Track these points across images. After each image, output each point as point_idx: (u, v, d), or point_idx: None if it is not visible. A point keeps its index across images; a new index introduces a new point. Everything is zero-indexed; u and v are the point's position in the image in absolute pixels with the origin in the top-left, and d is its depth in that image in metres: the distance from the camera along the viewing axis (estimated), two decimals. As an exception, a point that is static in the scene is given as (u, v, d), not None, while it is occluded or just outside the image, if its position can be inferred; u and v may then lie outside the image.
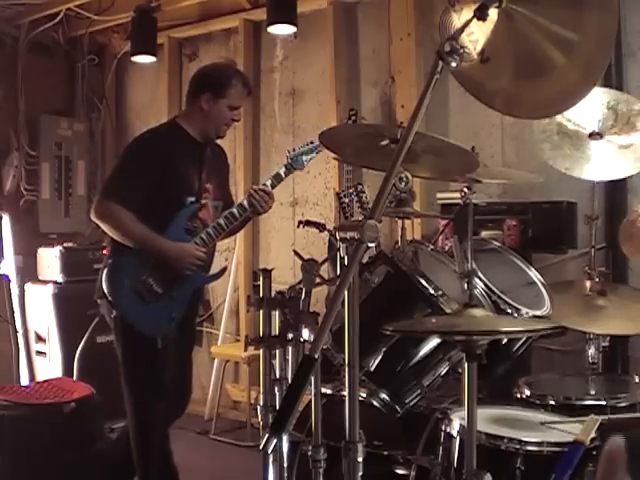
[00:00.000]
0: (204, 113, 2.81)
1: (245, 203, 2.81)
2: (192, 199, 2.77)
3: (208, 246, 2.79)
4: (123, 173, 2.76)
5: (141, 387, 2.73)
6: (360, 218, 3.34)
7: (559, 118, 2.71)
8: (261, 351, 2.05)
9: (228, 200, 3.03)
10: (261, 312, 2.04)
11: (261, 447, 1.25)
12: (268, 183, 2.87)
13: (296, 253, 2.25)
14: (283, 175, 2.90)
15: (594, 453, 1.80)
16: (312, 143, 2.94)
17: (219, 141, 2.98)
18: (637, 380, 2.50)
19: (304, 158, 2.92)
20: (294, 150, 2.94)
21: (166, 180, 2.71)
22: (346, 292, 1.40)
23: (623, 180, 3.04)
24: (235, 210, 2.81)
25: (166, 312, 2.72)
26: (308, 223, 3.38)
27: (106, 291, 2.70)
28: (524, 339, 2.34)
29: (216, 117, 2.81)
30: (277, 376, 2.03)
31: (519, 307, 2.25)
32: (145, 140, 2.85)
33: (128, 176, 2.72)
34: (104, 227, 2.72)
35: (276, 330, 2.02)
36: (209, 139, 2.89)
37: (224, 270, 2.95)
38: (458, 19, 1.53)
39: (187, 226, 2.76)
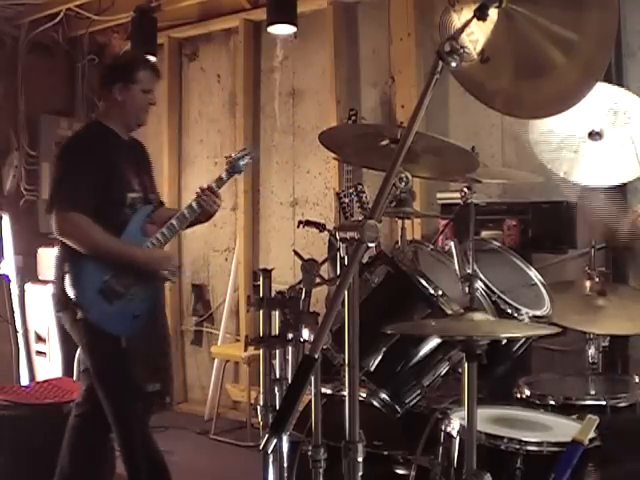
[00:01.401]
0: (120, 104, 2.83)
1: (194, 205, 2.88)
2: (133, 195, 2.80)
3: (163, 245, 2.83)
4: (69, 180, 2.72)
5: (112, 388, 2.73)
6: (360, 218, 3.34)
7: (558, 119, 2.71)
8: (261, 351, 2.05)
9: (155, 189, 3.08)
10: (261, 312, 2.03)
11: (261, 447, 1.25)
12: (213, 185, 2.94)
13: (296, 253, 2.25)
14: (225, 178, 2.99)
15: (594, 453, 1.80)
16: (245, 150, 3.10)
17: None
18: (637, 380, 2.50)
19: (241, 163, 3.03)
20: (231, 156, 3.04)
21: (106, 179, 2.71)
22: (346, 292, 1.40)
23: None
24: (185, 211, 2.88)
25: (130, 310, 2.73)
26: (308, 223, 3.38)
27: (72, 295, 2.69)
28: (524, 339, 2.34)
29: (132, 105, 2.84)
30: (277, 376, 2.03)
31: (519, 307, 2.25)
32: (76, 143, 2.87)
33: (75, 182, 2.69)
34: (72, 243, 2.68)
35: (276, 330, 2.02)
36: (132, 131, 2.93)
37: (179, 268, 2.99)
38: (458, 19, 1.53)
39: (142, 228, 2.80)
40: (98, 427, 2.77)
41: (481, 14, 1.39)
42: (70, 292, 2.69)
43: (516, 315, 2.25)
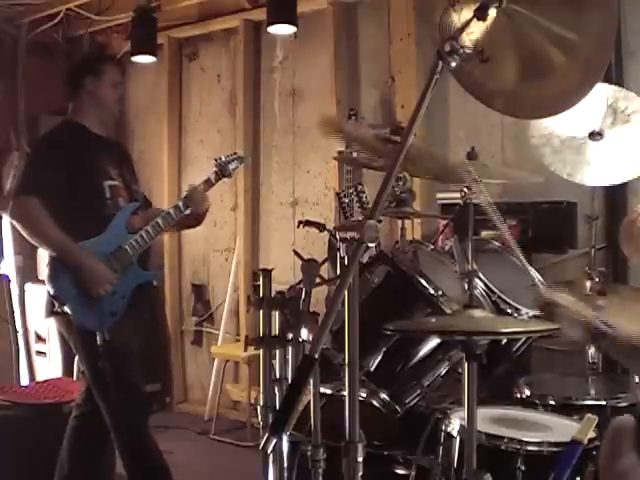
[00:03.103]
0: (92, 96, 2.85)
1: (181, 204, 2.88)
2: (111, 183, 2.81)
3: (147, 243, 2.82)
4: (29, 170, 2.76)
5: (102, 386, 2.72)
6: (360, 218, 3.34)
7: (558, 120, 2.70)
8: (261, 351, 2.05)
9: (137, 185, 3.08)
10: (261, 312, 2.03)
11: (261, 447, 1.25)
12: (200, 188, 2.95)
13: (296, 253, 2.24)
14: (213, 181, 3.01)
15: (594, 453, 1.80)
16: (235, 154, 3.12)
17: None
18: (637, 380, 2.49)
19: (231, 167, 3.04)
20: (221, 158, 3.05)
21: (76, 168, 2.72)
22: (346, 292, 1.40)
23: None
24: (171, 210, 2.88)
25: (108, 307, 2.72)
26: (308, 223, 3.37)
27: (50, 289, 2.70)
28: (524, 339, 2.34)
29: (104, 96, 2.86)
30: (277, 376, 2.03)
31: (519, 307, 2.25)
32: (43, 139, 2.91)
33: (34, 171, 2.71)
34: (20, 228, 2.69)
35: (276, 330, 2.02)
36: (107, 125, 2.95)
37: (162, 267, 2.96)
38: (458, 19, 1.53)
39: (127, 223, 2.80)
40: (98, 428, 2.77)
41: (481, 14, 1.39)
42: (48, 285, 2.70)
43: (516, 315, 2.25)
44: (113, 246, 2.75)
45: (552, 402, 2.30)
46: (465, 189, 2.15)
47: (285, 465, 1.96)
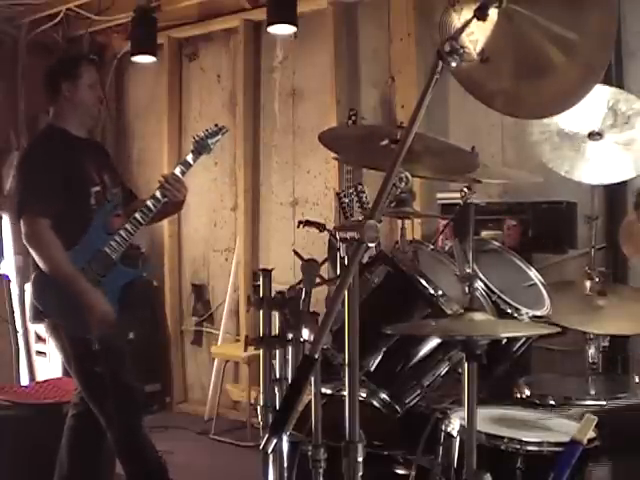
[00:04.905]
0: (71, 101, 2.83)
1: (158, 194, 2.81)
2: (96, 189, 2.79)
3: (127, 242, 2.78)
4: (36, 181, 2.71)
5: (93, 390, 2.73)
6: (360, 218, 3.33)
7: (559, 118, 2.71)
8: (261, 351, 2.05)
9: (125, 186, 3.05)
10: (261, 312, 2.03)
11: (261, 447, 1.25)
12: (177, 171, 2.87)
13: (296, 253, 2.24)
14: (191, 161, 2.91)
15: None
16: (216, 126, 2.99)
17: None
18: (637, 380, 2.50)
19: (210, 141, 2.93)
20: (199, 135, 2.95)
21: (69, 177, 2.71)
22: (346, 292, 1.40)
23: (623, 180, 3.04)
24: (149, 202, 2.81)
25: None
26: (308, 223, 3.37)
27: (36, 301, 2.69)
28: (524, 339, 2.34)
29: (82, 99, 2.84)
30: (277, 376, 2.03)
31: (519, 307, 2.25)
32: (34, 149, 2.88)
33: (40, 181, 2.69)
34: (31, 250, 2.66)
35: (276, 330, 2.02)
36: (88, 128, 2.95)
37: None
38: (458, 19, 1.53)
39: (105, 226, 2.77)
40: (94, 427, 2.76)
41: (481, 14, 1.39)
42: (36, 302, 2.71)
43: (516, 315, 2.25)
44: (92, 251, 2.71)
45: (552, 402, 2.30)
46: (465, 189, 2.15)
47: (285, 465, 1.96)
